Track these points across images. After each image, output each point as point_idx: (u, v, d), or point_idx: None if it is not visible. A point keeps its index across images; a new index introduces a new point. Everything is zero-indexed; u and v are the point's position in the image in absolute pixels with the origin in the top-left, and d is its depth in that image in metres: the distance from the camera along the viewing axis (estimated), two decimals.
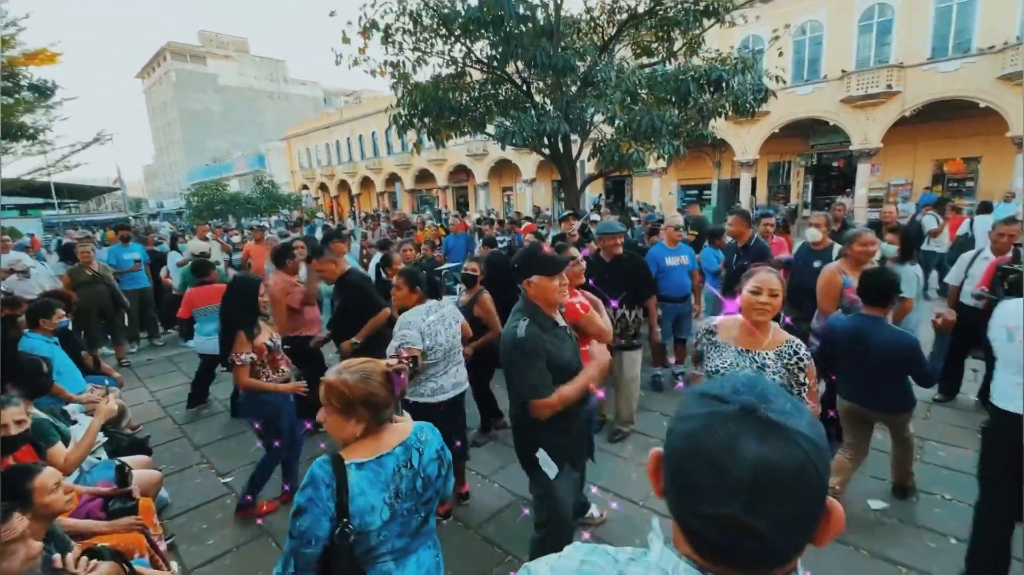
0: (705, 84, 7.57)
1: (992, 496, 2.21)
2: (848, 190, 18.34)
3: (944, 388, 4.26)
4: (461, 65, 8.66)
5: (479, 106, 8.84)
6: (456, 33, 7.94)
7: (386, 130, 26.65)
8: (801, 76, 17.95)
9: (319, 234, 11.99)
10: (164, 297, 7.34)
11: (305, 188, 40.76)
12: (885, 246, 3.89)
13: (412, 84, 8.49)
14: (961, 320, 3.83)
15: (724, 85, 7.57)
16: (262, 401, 2.99)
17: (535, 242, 2.82)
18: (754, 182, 20.20)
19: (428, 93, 8.23)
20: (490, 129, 8.77)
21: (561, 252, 2.85)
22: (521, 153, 21.88)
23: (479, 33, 7.86)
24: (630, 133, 7.38)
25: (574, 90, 8.39)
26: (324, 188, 40.10)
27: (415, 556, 1.49)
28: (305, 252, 5.26)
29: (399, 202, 29.01)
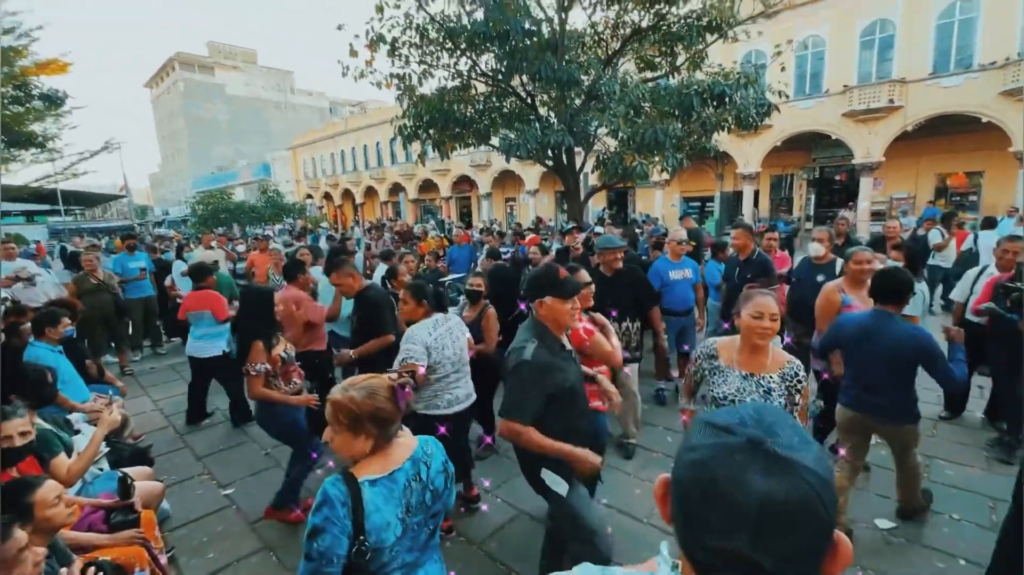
0: (708, 98, 7.64)
1: None
2: (851, 203, 18.35)
3: (951, 405, 4.24)
4: (466, 78, 8.76)
5: (484, 118, 8.94)
6: (462, 47, 8.05)
7: (391, 140, 26.91)
8: (803, 90, 18.08)
9: (323, 243, 12.05)
10: (168, 305, 7.36)
11: (310, 197, 41.01)
12: (890, 263, 3.88)
13: (418, 96, 8.59)
14: (967, 336, 3.85)
15: (727, 99, 7.63)
16: (275, 413, 3.00)
17: (552, 263, 2.80)
18: (757, 194, 20.27)
19: (433, 105, 8.32)
20: (495, 141, 8.85)
21: (573, 274, 2.85)
22: (525, 164, 22.00)
23: (485, 47, 7.96)
24: (634, 146, 7.44)
25: (578, 103, 8.47)
26: (328, 197, 40.35)
27: (423, 570, 1.49)
28: (310, 259, 5.29)
29: (403, 212, 29.19)
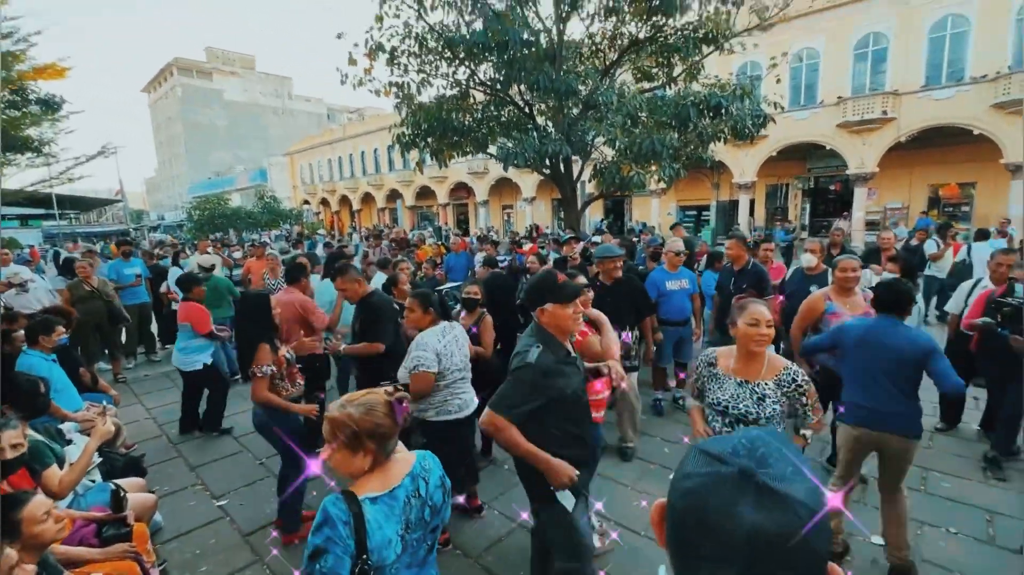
0: (705, 109, 7.71)
1: None
2: (846, 213, 18.52)
3: (946, 417, 4.25)
4: (465, 87, 8.82)
5: (482, 127, 8.97)
6: (460, 56, 8.10)
7: (388, 147, 26.96)
8: (798, 101, 18.27)
9: (320, 250, 12.03)
10: (164, 311, 7.32)
11: (307, 203, 40.98)
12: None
13: (416, 105, 8.62)
14: (962, 348, 3.87)
15: (723, 110, 7.71)
16: (278, 416, 2.95)
17: (550, 269, 2.81)
18: (752, 204, 20.42)
19: (432, 114, 8.35)
20: (492, 149, 8.89)
21: (571, 279, 2.87)
22: (522, 172, 22.05)
23: (483, 57, 8.01)
24: (631, 155, 7.48)
25: (576, 113, 8.53)
26: (325, 203, 40.32)
27: None
28: (309, 265, 5.28)
29: (400, 218, 29.17)
